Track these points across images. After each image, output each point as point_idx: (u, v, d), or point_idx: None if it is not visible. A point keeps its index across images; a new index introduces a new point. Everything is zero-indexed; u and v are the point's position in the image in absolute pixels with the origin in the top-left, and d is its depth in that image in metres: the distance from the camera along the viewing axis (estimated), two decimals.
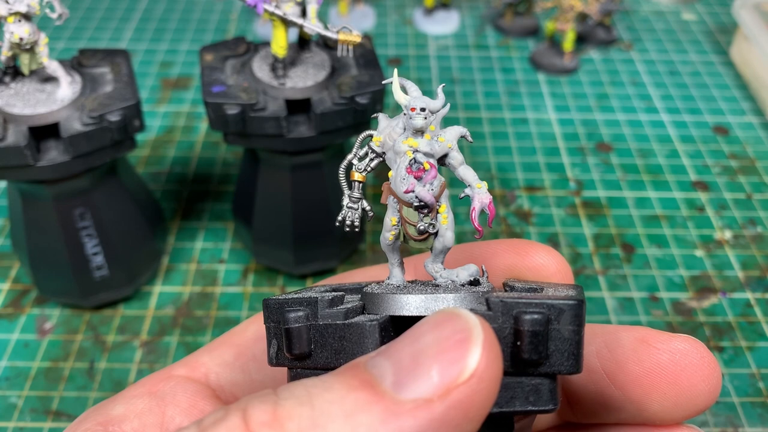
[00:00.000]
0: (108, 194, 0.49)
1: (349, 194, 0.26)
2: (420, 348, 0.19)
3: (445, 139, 0.25)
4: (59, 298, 0.52)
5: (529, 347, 0.21)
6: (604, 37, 0.85)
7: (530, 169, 0.67)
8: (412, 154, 0.24)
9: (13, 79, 0.45)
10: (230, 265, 0.57)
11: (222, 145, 0.69)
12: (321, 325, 0.23)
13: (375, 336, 0.22)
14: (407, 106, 0.24)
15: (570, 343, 0.22)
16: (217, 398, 0.28)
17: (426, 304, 0.23)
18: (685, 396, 0.26)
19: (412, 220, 0.25)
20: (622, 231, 0.61)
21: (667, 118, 0.74)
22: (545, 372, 0.22)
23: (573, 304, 0.22)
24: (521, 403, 0.22)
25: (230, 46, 0.49)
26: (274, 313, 0.24)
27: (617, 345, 0.27)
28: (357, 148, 0.26)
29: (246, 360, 0.29)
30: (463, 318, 0.19)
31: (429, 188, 0.24)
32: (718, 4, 0.95)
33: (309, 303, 0.23)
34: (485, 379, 0.18)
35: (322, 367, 0.23)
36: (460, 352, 0.18)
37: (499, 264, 0.30)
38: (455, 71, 0.81)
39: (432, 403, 0.18)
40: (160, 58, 0.82)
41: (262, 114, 0.45)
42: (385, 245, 0.26)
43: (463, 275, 0.25)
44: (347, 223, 0.26)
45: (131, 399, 0.27)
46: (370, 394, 0.18)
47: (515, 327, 0.21)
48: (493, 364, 0.19)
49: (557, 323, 0.22)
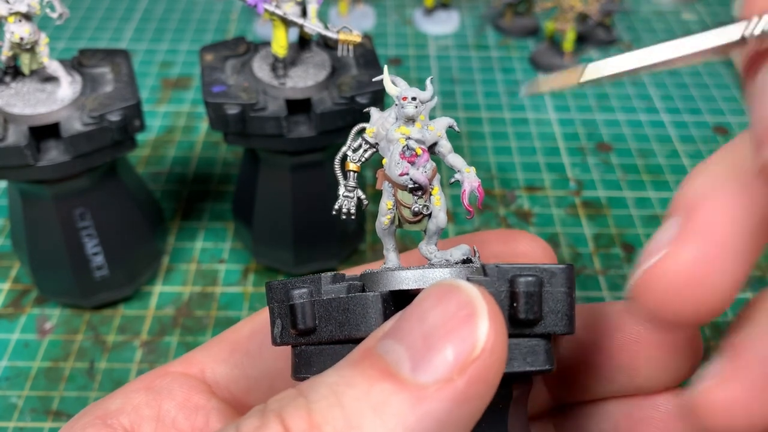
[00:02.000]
0: (108, 194, 0.49)
1: (345, 184, 0.27)
2: (429, 328, 0.19)
3: (434, 128, 0.26)
4: (59, 298, 0.52)
5: (525, 307, 0.22)
6: (604, 37, 0.85)
7: (530, 169, 0.67)
8: (405, 141, 0.26)
9: (13, 79, 0.45)
10: (230, 265, 0.57)
11: (222, 145, 0.69)
12: (325, 300, 0.24)
13: (378, 306, 0.23)
14: (399, 96, 0.26)
15: (563, 304, 0.23)
16: (212, 393, 0.29)
17: (424, 278, 0.24)
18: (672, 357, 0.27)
19: (406, 202, 0.26)
20: (622, 231, 0.61)
21: (668, 118, 0.74)
22: (541, 332, 0.23)
23: (564, 267, 0.23)
24: (519, 364, 0.23)
25: (230, 46, 0.49)
26: (278, 294, 0.25)
27: (603, 317, 0.28)
28: (351, 140, 0.27)
29: (240, 356, 0.30)
30: (464, 290, 0.20)
31: (422, 171, 0.26)
32: (718, 4, 0.95)
33: (312, 281, 0.24)
34: (496, 350, 0.19)
35: (327, 341, 0.24)
36: (470, 328, 0.19)
37: (487, 252, 0.31)
38: (455, 71, 0.81)
39: (453, 381, 0.19)
40: (160, 58, 0.82)
41: (263, 114, 0.45)
42: (380, 230, 0.27)
43: (457, 254, 0.26)
44: (344, 212, 0.27)
45: (129, 394, 0.27)
46: (393, 383, 0.19)
47: (511, 290, 0.23)
48: (500, 333, 0.19)
49: (549, 286, 0.23)
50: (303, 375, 0.25)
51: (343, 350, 0.22)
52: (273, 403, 0.20)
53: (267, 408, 0.20)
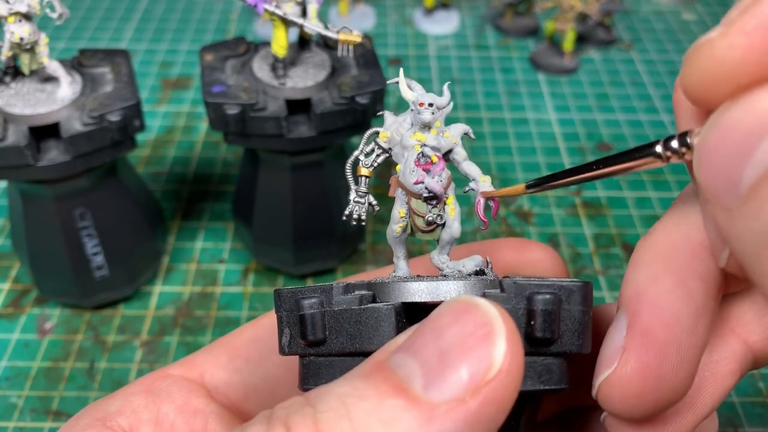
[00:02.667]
0: (108, 194, 0.49)
1: (356, 189, 0.27)
2: (445, 345, 0.19)
3: (450, 135, 0.26)
4: (59, 298, 0.52)
5: (542, 326, 0.22)
6: (604, 37, 0.85)
7: (530, 169, 0.67)
8: (420, 148, 0.25)
9: (13, 79, 0.45)
10: (230, 265, 0.57)
11: (222, 145, 0.69)
12: (336, 311, 0.23)
13: (391, 320, 0.22)
14: (415, 101, 0.25)
15: (579, 322, 0.23)
16: (211, 398, 0.29)
17: (438, 290, 0.23)
18: None
19: (420, 211, 0.26)
20: (622, 231, 0.61)
21: (668, 119, 0.74)
22: (556, 351, 0.22)
23: (582, 285, 0.23)
24: (533, 383, 0.22)
25: (230, 46, 0.49)
26: (286, 302, 0.24)
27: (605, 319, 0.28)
28: (363, 144, 0.26)
29: (240, 362, 0.30)
30: (482, 309, 0.19)
31: (438, 179, 0.25)
32: (718, 4, 0.95)
33: (323, 290, 0.23)
34: (512, 371, 0.19)
35: (336, 353, 0.23)
36: (487, 349, 0.19)
37: (498, 261, 0.31)
38: (455, 71, 0.81)
39: (465, 402, 0.18)
40: (160, 58, 0.82)
41: (262, 114, 0.45)
42: (392, 238, 0.27)
43: (470, 265, 0.26)
44: (354, 217, 0.27)
45: (128, 396, 0.27)
46: (404, 399, 0.18)
47: (528, 307, 0.22)
48: (517, 355, 0.19)
49: (567, 304, 0.22)
50: (310, 386, 0.24)
51: (353, 363, 0.22)
52: (280, 410, 0.19)
53: (273, 414, 0.19)
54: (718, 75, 0.17)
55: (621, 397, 0.22)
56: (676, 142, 0.19)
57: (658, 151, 0.20)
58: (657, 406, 0.21)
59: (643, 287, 0.22)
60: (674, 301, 0.21)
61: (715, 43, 0.17)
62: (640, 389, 0.21)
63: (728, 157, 0.17)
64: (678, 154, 0.19)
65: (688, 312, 0.21)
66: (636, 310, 0.22)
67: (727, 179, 0.17)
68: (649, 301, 0.21)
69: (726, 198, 0.17)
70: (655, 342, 0.21)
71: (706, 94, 0.18)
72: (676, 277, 0.21)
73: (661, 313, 0.21)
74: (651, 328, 0.21)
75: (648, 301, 0.21)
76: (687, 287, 0.21)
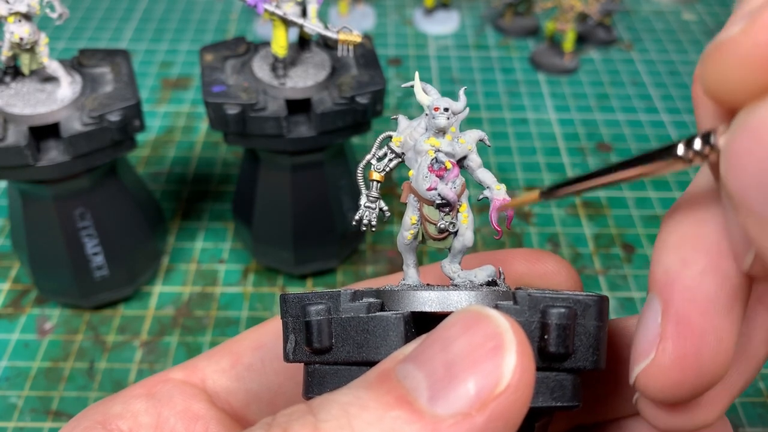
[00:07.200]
0: (108, 194, 0.49)
1: (367, 194, 0.26)
2: (453, 357, 0.18)
3: (465, 141, 0.25)
4: (59, 298, 0.52)
5: (556, 341, 0.21)
6: (604, 37, 0.85)
7: (530, 169, 0.67)
8: (434, 154, 0.24)
9: (13, 79, 0.45)
10: (230, 265, 0.57)
11: (222, 145, 0.69)
12: (343, 319, 0.22)
13: (400, 329, 0.22)
14: (431, 105, 0.24)
15: (594, 338, 0.22)
16: (212, 403, 0.28)
17: (448, 300, 0.23)
18: None
19: (432, 218, 0.25)
20: (622, 231, 0.61)
21: (668, 119, 0.74)
22: (570, 367, 0.22)
23: (598, 299, 0.22)
24: (545, 400, 0.22)
25: (230, 46, 0.49)
26: (292, 308, 0.24)
27: (618, 333, 0.27)
28: (376, 148, 0.26)
29: (242, 369, 0.30)
30: (493, 321, 0.19)
31: (451, 186, 0.24)
32: (718, 4, 0.95)
33: (330, 297, 0.23)
34: (521, 387, 0.18)
35: (343, 361, 0.23)
36: (496, 362, 0.18)
37: (510, 272, 0.30)
38: (455, 71, 0.81)
39: (471, 417, 0.18)
40: (160, 58, 0.82)
41: (262, 114, 0.45)
42: (402, 245, 0.26)
43: (482, 275, 0.25)
44: (364, 222, 0.26)
45: (129, 399, 0.27)
46: (408, 411, 0.18)
47: (542, 321, 0.21)
48: (527, 370, 0.18)
49: (582, 318, 0.22)
50: (314, 395, 0.23)
51: (359, 372, 0.21)
52: (281, 417, 0.19)
53: (274, 421, 0.19)
54: (743, 74, 0.16)
55: (660, 387, 0.21)
56: (698, 142, 0.18)
57: (680, 154, 0.18)
58: (696, 391, 0.21)
59: (675, 270, 0.21)
60: (709, 285, 0.20)
61: (739, 40, 0.16)
62: (680, 378, 0.20)
63: (763, 161, 0.16)
64: (701, 156, 0.18)
65: (725, 295, 0.20)
66: (669, 296, 0.21)
67: (761, 186, 0.16)
68: (682, 285, 0.20)
69: (760, 206, 0.16)
70: (693, 330, 0.20)
71: (731, 94, 0.17)
72: (707, 259, 0.20)
73: (696, 298, 0.20)
74: (687, 315, 0.20)
75: (681, 286, 0.20)
76: (721, 269, 0.20)
